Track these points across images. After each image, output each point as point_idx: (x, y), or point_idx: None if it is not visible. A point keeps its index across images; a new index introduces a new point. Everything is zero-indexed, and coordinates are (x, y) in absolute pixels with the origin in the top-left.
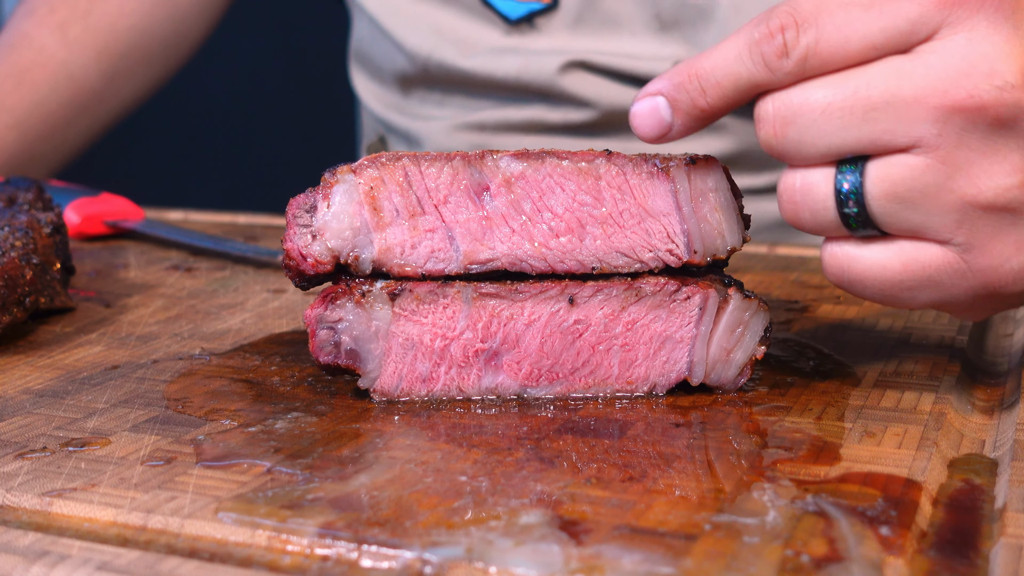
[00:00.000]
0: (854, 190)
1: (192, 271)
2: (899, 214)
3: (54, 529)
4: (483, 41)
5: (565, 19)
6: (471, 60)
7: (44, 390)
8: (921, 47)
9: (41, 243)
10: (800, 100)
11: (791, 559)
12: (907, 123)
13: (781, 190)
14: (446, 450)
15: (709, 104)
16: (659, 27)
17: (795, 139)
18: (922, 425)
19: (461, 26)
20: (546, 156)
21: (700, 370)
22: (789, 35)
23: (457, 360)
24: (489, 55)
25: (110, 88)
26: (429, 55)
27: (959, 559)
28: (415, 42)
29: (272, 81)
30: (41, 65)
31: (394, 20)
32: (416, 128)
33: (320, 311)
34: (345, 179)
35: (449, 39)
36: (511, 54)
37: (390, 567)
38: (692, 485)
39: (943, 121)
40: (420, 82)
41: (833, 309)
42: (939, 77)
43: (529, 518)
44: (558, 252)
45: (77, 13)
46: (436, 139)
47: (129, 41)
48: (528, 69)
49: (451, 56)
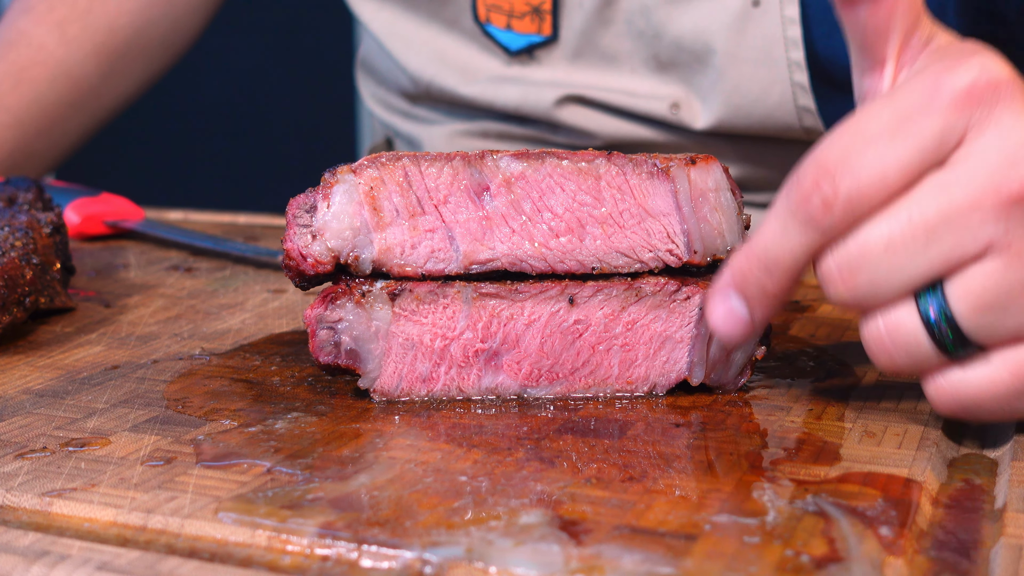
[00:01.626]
0: (942, 314)
1: (192, 271)
2: (993, 323)
3: (54, 529)
4: (484, 70)
5: (564, 52)
6: (472, 87)
7: (44, 390)
8: (955, 155)
9: (41, 243)
10: (859, 247)
11: (791, 559)
12: (972, 231)
13: (868, 340)
14: (446, 450)
15: (777, 286)
16: (657, 67)
17: (867, 286)
18: (922, 425)
19: (462, 54)
20: (546, 156)
21: (700, 370)
22: (826, 188)
23: (457, 360)
24: (489, 84)
25: (107, 85)
26: (431, 80)
27: (959, 559)
28: (417, 66)
29: (272, 81)
30: (40, 63)
31: (397, 44)
32: (419, 133)
33: (320, 311)
34: (345, 179)
35: (450, 66)
36: (511, 84)
37: (390, 567)
38: (692, 485)
39: (1006, 217)
40: (424, 99)
41: (833, 309)
42: (986, 176)
43: (529, 518)
44: (558, 252)
45: (76, 12)
46: (437, 145)
47: (127, 39)
48: (527, 100)
49: (452, 82)
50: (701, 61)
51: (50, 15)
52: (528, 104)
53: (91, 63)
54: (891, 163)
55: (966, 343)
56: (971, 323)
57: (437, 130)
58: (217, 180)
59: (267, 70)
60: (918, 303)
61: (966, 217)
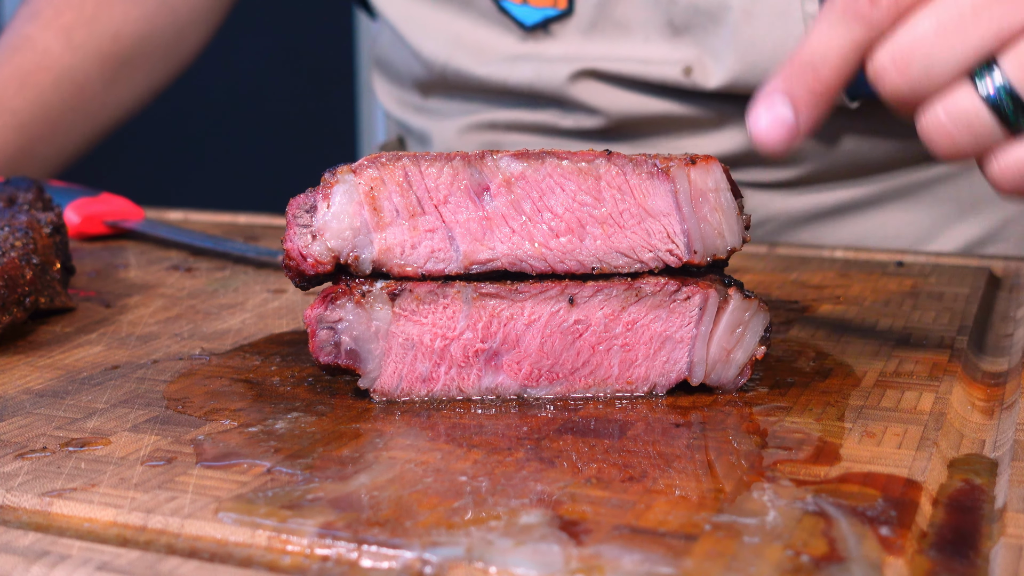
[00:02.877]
0: (1001, 88)
1: (192, 271)
2: None
3: (54, 529)
4: (498, 48)
5: (579, 25)
6: (486, 67)
7: (44, 390)
8: None
9: (41, 243)
10: (909, 38)
11: (791, 559)
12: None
13: (930, 130)
14: (446, 450)
15: (824, 84)
16: (671, 32)
17: (922, 72)
18: (922, 425)
19: (477, 33)
20: (546, 156)
21: (700, 370)
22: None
23: (457, 360)
24: (504, 63)
25: (111, 92)
26: (445, 63)
27: (959, 559)
28: (431, 50)
29: (272, 81)
30: (45, 68)
31: (412, 27)
32: (429, 127)
33: (320, 311)
34: (345, 179)
35: (465, 46)
36: (525, 61)
37: (390, 567)
38: (692, 485)
39: None
40: (438, 87)
41: (833, 309)
42: None
43: (529, 518)
44: (558, 252)
45: (83, 18)
46: (448, 139)
47: (131, 47)
48: (541, 77)
49: (467, 63)
50: (715, 21)
51: (56, 21)
52: (542, 81)
53: (95, 69)
54: None
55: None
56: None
57: (448, 124)
58: (217, 180)
59: (267, 70)
60: (975, 83)
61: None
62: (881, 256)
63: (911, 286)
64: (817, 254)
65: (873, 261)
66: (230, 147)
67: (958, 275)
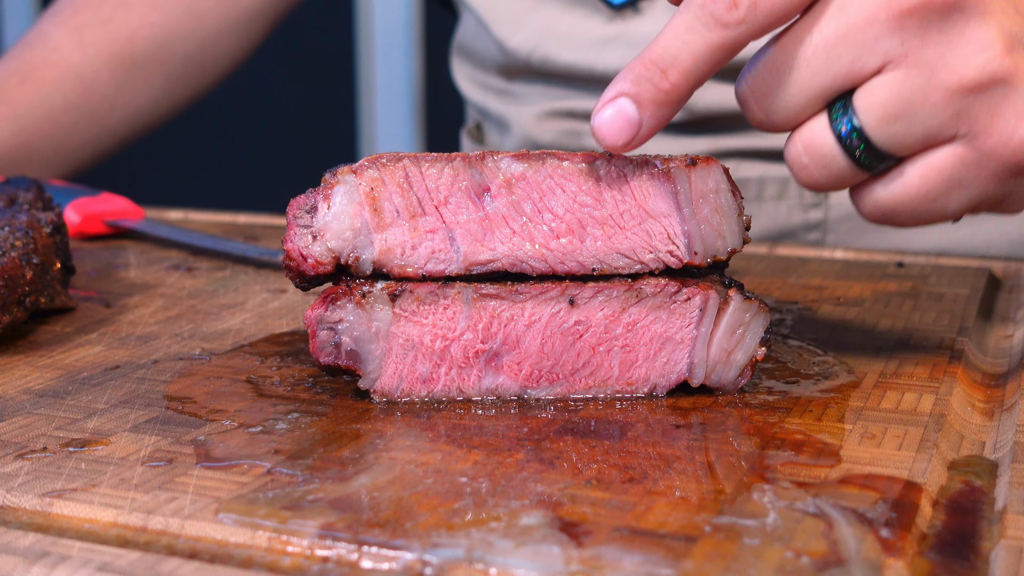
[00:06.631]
0: (853, 128)
1: (192, 271)
2: (900, 133)
3: (54, 530)
4: (586, 32)
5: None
6: (573, 53)
7: (44, 390)
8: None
9: (41, 243)
10: (766, 68)
11: (791, 561)
12: (869, 45)
13: (790, 160)
14: (446, 451)
15: (672, 84)
16: None
17: (779, 105)
18: (922, 427)
19: (564, 18)
20: (546, 157)
21: (700, 371)
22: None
23: (457, 361)
24: (591, 48)
25: (123, 96)
26: (531, 53)
27: (959, 561)
28: (517, 41)
29: (272, 81)
30: (52, 64)
31: (497, 16)
32: (508, 113)
33: (320, 312)
34: (346, 180)
35: (552, 33)
36: (612, 45)
37: (390, 568)
38: (692, 486)
39: (899, 29)
40: (522, 71)
41: (833, 309)
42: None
43: (529, 519)
44: (558, 253)
45: (98, 18)
46: (526, 126)
47: (146, 51)
48: (627, 62)
49: (554, 51)
50: None
51: (72, 19)
52: None
53: (106, 70)
54: None
55: (878, 155)
56: (879, 133)
57: (527, 110)
58: (217, 180)
59: (267, 70)
60: (830, 120)
61: (863, 32)
62: (881, 256)
63: (911, 287)
64: (817, 254)
65: (873, 262)
66: (230, 147)
67: (958, 276)
